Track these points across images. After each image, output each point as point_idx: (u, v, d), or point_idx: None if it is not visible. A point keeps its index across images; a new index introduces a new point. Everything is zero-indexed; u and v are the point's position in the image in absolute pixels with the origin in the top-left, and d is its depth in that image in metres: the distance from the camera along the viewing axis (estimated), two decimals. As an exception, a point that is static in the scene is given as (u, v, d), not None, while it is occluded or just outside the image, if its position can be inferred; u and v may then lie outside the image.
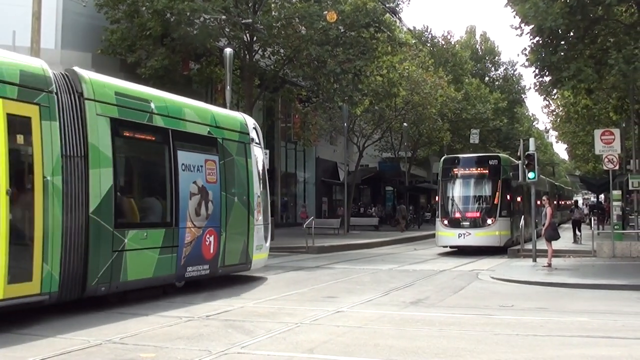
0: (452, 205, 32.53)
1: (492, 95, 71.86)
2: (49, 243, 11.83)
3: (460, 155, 36.57)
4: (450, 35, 76.40)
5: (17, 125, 11.59)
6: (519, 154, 26.91)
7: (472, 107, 64.54)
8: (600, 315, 13.55)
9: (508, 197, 32.11)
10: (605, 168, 30.02)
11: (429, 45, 70.09)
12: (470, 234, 30.94)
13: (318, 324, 12.20)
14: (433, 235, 34.53)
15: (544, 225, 24.60)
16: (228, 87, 27.08)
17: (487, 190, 32.17)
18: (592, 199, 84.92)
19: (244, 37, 34.57)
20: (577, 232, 36.83)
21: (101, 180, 13.25)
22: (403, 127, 53.90)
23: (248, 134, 19.01)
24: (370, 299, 15.71)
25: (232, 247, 17.56)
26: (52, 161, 12.06)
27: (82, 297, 13.05)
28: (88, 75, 13.77)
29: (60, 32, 30.62)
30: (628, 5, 28.02)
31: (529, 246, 27.27)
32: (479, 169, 32.72)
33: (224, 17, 32.72)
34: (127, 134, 14.59)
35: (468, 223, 31.38)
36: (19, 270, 11.29)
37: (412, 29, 67.93)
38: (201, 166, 16.47)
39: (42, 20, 21.76)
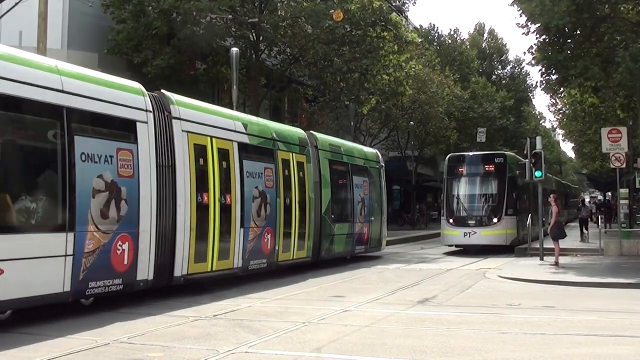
0: (458, 203, 32.20)
1: (498, 93, 71.73)
2: (311, 231, 22.18)
3: (466, 153, 36.13)
4: (457, 34, 76.36)
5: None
6: (525, 152, 26.86)
7: (479, 106, 64.47)
8: (608, 313, 13.53)
9: (514, 195, 31.80)
10: (612, 166, 29.94)
11: (435, 44, 70.02)
12: (475, 232, 30.59)
13: (325, 323, 12.21)
14: (440, 234, 33.81)
15: (550, 223, 24.58)
16: (234, 86, 27.03)
17: (492, 188, 31.89)
18: (599, 197, 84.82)
19: (250, 36, 34.54)
20: (585, 230, 36.78)
21: (329, 193, 23.66)
22: (410, 126, 53.82)
23: (379, 162, 29.85)
24: (377, 298, 15.72)
25: (375, 235, 27.96)
26: (311, 184, 22.48)
27: (318, 261, 23.02)
28: None
29: (67, 32, 30.60)
30: (635, 3, 27.96)
31: (537, 245, 27.21)
32: (484, 167, 32.48)
33: (230, 16, 32.69)
34: (334, 168, 24.73)
35: (474, 222, 31.03)
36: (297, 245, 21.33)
37: (418, 27, 67.87)
38: (363, 185, 27.11)
39: (48, 20, 21.77)
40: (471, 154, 35.94)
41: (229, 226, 17.27)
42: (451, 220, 31.55)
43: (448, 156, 34.84)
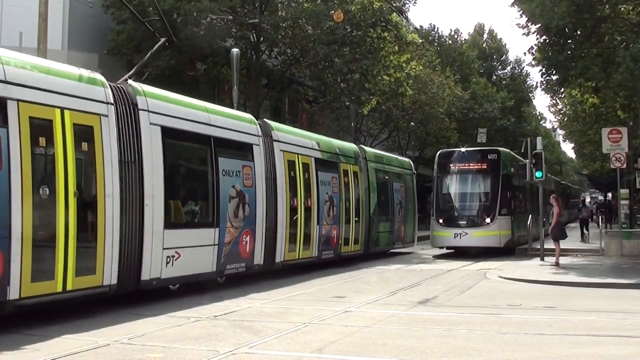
0: (448, 202, 30.97)
1: (499, 94, 71.68)
2: (364, 228, 26.60)
3: (457, 149, 34.89)
4: (457, 35, 76.35)
5: None
6: (522, 150, 26.92)
7: (480, 107, 64.44)
8: (609, 314, 13.53)
9: (508, 194, 30.42)
10: (612, 167, 29.95)
11: (435, 44, 70.02)
12: (467, 233, 29.12)
13: (326, 324, 12.21)
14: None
15: (551, 224, 24.58)
16: (235, 87, 27.08)
17: (485, 186, 30.44)
18: (600, 197, 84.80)
19: (251, 37, 34.57)
20: (585, 230, 36.77)
21: (375, 197, 27.70)
22: (410, 126, 53.80)
23: (412, 170, 33.34)
24: (378, 299, 15.73)
25: (409, 232, 31.91)
26: (363, 190, 27.04)
27: (368, 253, 27.09)
28: None
29: (67, 33, 30.63)
30: (635, 4, 27.95)
31: (537, 245, 27.21)
32: (477, 163, 30.97)
33: (230, 17, 32.72)
34: (378, 176, 28.88)
35: (465, 222, 29.68)
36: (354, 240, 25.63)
37: (418, 28, 67.87)
38: (400, 189, 30.91)
39: (48, 21, 21.77)
40: (463, 149, 34.17)
41: (309, 224, 21.96)
42: (441, 221, 30.16)
43: (438, 152, 33.55)
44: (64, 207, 12.05)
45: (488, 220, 29.32)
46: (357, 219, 25.98)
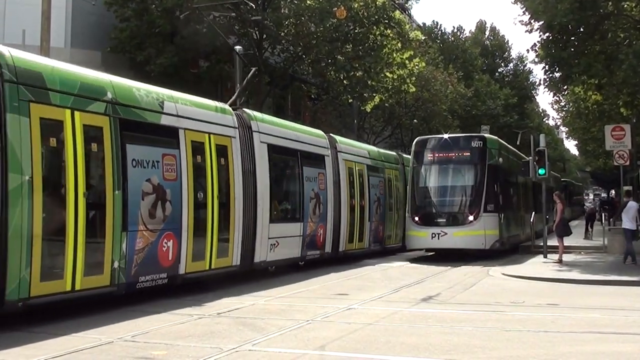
0: (425, 197, 27.09)
1: (502, 91, 71.68)
2: (402, 226, 29.14)
3: (436, 136, 31.30)
4: (460, 32, 76.31)
5: None
6: (518, 142, 26.88)
7: (482, 104, 64.42)
8: (612, 311, 13.52)
9: (496, 187, 26.42)
10: (615, 164, 29.96)
11: (438, 41, 69.98)
12: (446, 233, 25.39)
13: (329, 321, 12.21)
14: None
15: (554, 221, 24.53)
16: (238, 85, 27.07)
17: (468, 178, 26.71)
18: (603, 194, 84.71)
19: (254, 34, 34.58)
20: (589, 228, 36.71)
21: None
22: (413, 123, 53.81)
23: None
24: (381, 296, 15.73)
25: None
26: (402, 192, 30.09)
27: (403, 248, 28.79)
28: None
29: (70, 31, 30.69)
30: (638, 1, 27.92)
31: (541, 242, 27.17)
32: (459, 152, 27.14)
33: (233, 14, 32.73)
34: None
35: (444, 220, 25.89)
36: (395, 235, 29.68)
37: (421, 25, 67.85)
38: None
39: (51, 19, 21.81)
40: (444, 136, 30.01)
41: (363, 220, 26.05)
42: (417, 219, 26.40)
43: (415, 140, 29.47)
44: (211, 206, 16.19)
45: (471, 217, 25.53)
46: (398, 217, 29.67)
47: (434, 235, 25.52)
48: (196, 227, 15.49)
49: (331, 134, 25.37)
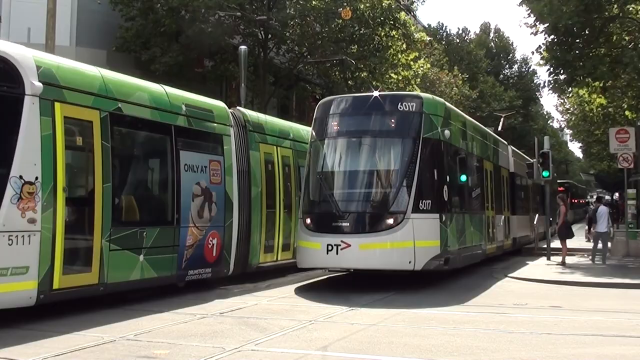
0: (321, 189, 17.35)
1: (506, 93, 71.65)
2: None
3: (347, 95, 21.51)
4: (465, 34, 76.33)
5: None
6: (500, 129, 26.72)
7: (487, 105, 64.39)
8: (615, 314, 13.51)
9: (438, 175, 17.23)
10: (619, 167, 29.89)
11: (443, 43, 69.98)
12: (349, 245, 15.94)
13: (332, 322, 12.21)
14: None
15: (557, 224, 24.54)
16: (242, 84, 27.08)
17: (390, 160, 17.38)
18: (607, 197, 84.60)
19: (259, 34, 34.59)
20: (591, 230, 36.65)
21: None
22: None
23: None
24: (384, 297, 15.71)
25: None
26: None
27: None
28: None
29: (75, 30, 30.70)
30: (644, 4, 27.89)
31: (544, 244, 27.13)
32: (378, 120, 17.60)
33: (238, 14, 32.74)
34: None
35: (347, 224, 16.38)
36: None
37: (427, 26, 67.84)
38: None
39: (57, 17, 21.81)
40: (358, 95, 21.35)
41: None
42: (308, 221, 17.05)
43: (319, 103, 19.28)
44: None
45: (390, 220, 16.21)
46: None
47: (330, 247, 16.08)
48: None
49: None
